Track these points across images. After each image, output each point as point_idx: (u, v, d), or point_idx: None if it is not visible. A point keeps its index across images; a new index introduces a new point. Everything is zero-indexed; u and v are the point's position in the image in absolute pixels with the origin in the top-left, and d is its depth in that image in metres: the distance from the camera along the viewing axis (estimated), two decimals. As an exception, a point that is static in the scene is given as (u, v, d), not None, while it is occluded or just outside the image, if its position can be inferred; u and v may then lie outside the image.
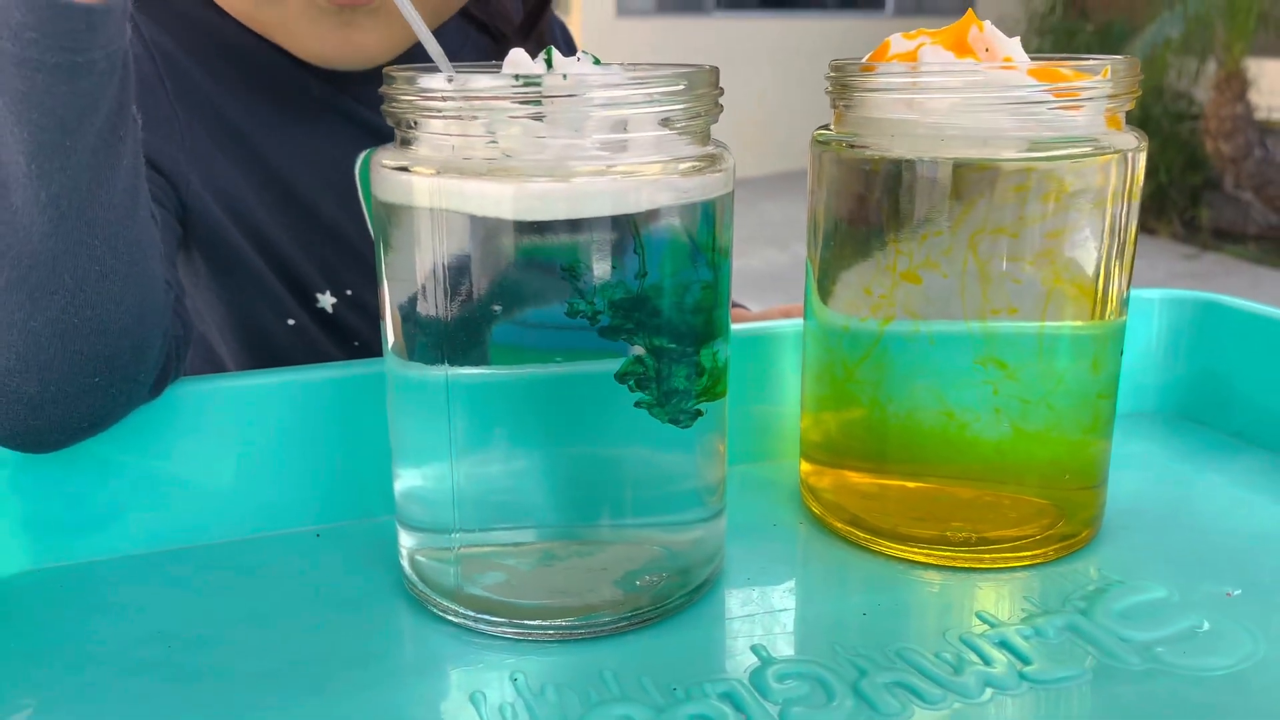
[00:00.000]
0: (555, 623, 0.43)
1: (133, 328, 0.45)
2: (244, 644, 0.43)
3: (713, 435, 0.45)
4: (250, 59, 0.67)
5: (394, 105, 0.41)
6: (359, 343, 0.71)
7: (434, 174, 0.39)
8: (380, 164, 0.41)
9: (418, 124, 0.40)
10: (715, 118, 0.42)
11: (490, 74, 0.40)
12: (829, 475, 0.53)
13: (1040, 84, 0.44)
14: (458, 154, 0.39)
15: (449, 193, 0.39)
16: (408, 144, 0.41)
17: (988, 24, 0.47)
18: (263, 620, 0.45)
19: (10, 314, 0.42)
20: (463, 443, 0.42)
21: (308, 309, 0.69)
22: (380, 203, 0.42)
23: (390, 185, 0.41)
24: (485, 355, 0.41)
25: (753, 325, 0.58)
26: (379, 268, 0.43)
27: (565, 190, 0.39)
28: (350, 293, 0.69)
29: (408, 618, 0.45)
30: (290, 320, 0.69)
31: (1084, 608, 0.45)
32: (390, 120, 0.42)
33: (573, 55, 0.43)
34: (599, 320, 0.40)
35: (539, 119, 0.39)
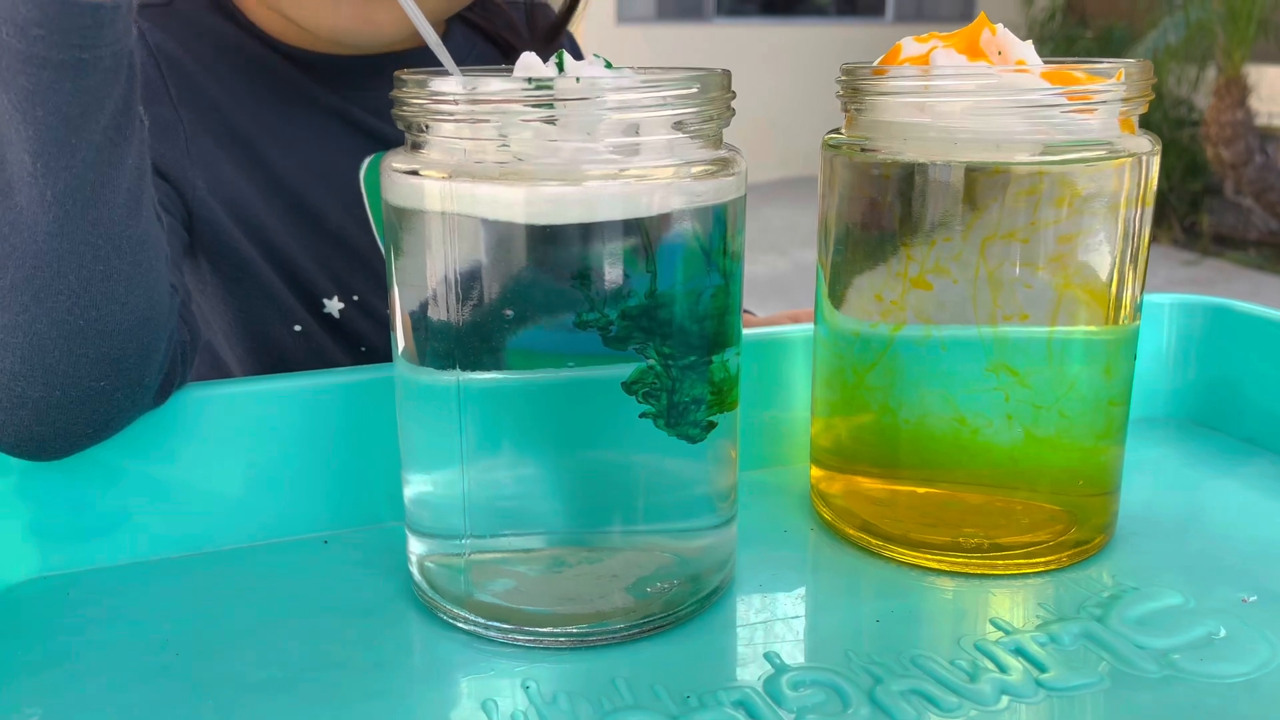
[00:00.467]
0: (566, 630, 0.42)
1: (138, 330, 0.45)
2: (252, 652, 0.43)
3: (724, 441, 0.44)
4: (255, 65, 0.67)
5: (405, 109, 0.41)
6: (366, 348, 0.70)
7: (445, 177, 0.39)
8: (391, 167, 0.41)
9: (429, 127, 0.40)
10: (727, 121, 0.42)
11: (502, 77, 0.39)
12: (840, 481, 0.52)
13: (1053, 87, 0.44)
14: (469, 157, 0.39)
15: (460, 196, 0.39)
16: (419, 148, 0.41)
17: (1000, 27, 0.47)
18: (271, 628, 0.44)
19: (15, 316, 0.42)
20: (473, 448, 0.42)
21: (315, 314, 0.69)
22: (391, 207, 0.42)
23: (401, 189, 0.40)
24: (497, 360, 0.41)
25: (763, 330, 0.58)
26: (389, 272, 0.43)
27: (577, 194, 0.38)
28: (357, 298, 0.69)
29: (417, 625, 0.45)
30: (297, 326, 0.68)
31: (1099, 614, 0.44)
32: (400, 124, 0.42)
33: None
34: (610, 330, 0.40)
35: (551, 122, 0.38)
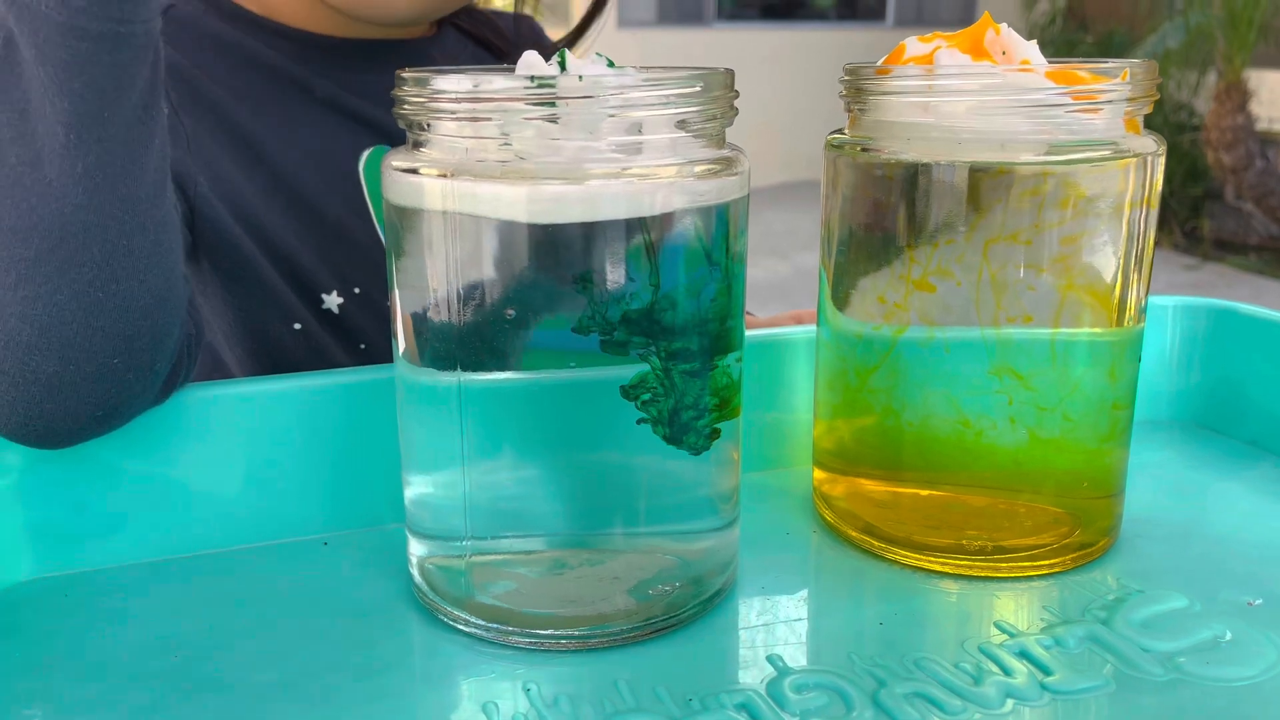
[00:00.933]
0: (568, 632, 0.42)
1: (154, 309, 0.45)
2: (252, 653, 0.42)
3: (726, 443, 0.44)
4: (253, 64, 0.68)
5: (406, 107, 0.41)
6: (365, 345, 0.71)
7: (447, 176, 0.39)
8: (392, 166, 0.41)
9: (430, 126, 0.40)
10: (730, 120, 0.42)
11: (504, 75, 0.39)
12: (842, 483, 0.52)
13: (1058, 87, 0.44)
14: (471, 156, 0.39)
15: (462, 195, 0.38)
16: (420, 146, 0.41)
17: (1004, 27, 0.47)
18: (271, 629, 0.44)
19: (37, 287, 0.42)
20: (474, 449, 0.41)
21: (314, 310, 0.69)
22: (392, 206, 0.41)
23: (402, 188, 0.40)
24: (498, 361, 0.40)
25: (765, 332, 0.58)
26: (390, 273, 0.43)
27: (580, 193, 0.38)
28: (358, 291, 0.70)
29: (418, 627, 0.44)
30: (297, 325, 0.69)
31: (1104, 617, 0.44)
32: (402, 123, 0.41)
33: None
34: (612, 334, 0.39)
35: (553, 121, 0.38)
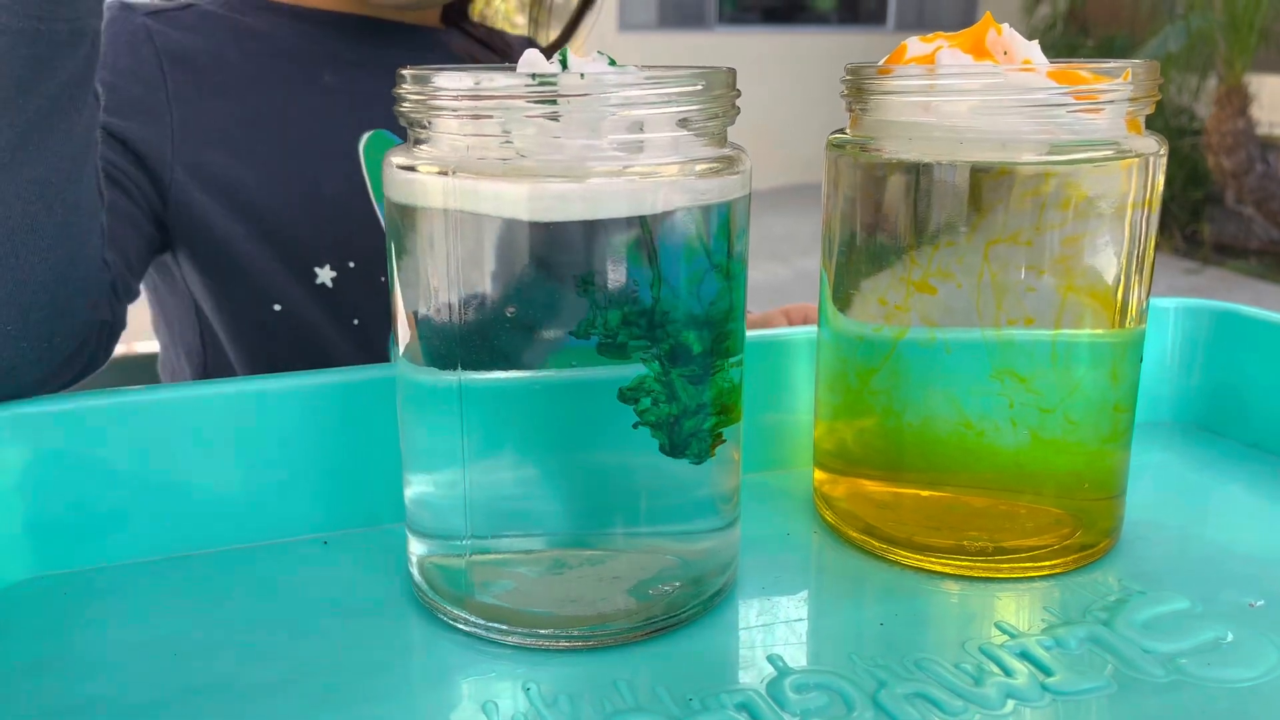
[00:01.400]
0: (568, 632, 0.42)
1: (54, 286, 0.48)
2: (250, 653, 0.42)
3: (727, 445, 0.44)
4: (266, 50, 0.72)
5: (406, 105, 0.41)
6: (358, 320, 0.71)
7: (448, 174, 0.39)
8: (393, 164, 0.41)
9: (431, 124, 0.40)
10: (732, 119, 0.42)
11: (505, 73, 0.39)
12: (843, 484, 0.52)
13: (1060, 86, 0.44)
14: (472, 154, 0.39)
15: (463, 193, 0.38)
16: (421, 144, 0.41)
17: (1006, 27, 0.47)
18: (269, 629, 0.44)
19: None
20: (475, 449, 0.41)
21: (305, 286, 0.70)
22: (393, 204, 0.41)
23: (403, 186, 0.40)
24: (499, 360, 0.40)
25: (766, 333, 0.58)
26: (390, 271, 0.42)
27: (581, 191, 0.38)
28: (353, 265, 0.71)
29: (417, 626, 0.44)
30: (276, 305, 0.70)
31: (1105, 618, 0.44)
32: (403, 120, 0.41)
33: None
34: (615, 338, 0.39)
35: (555, 119, 0.38)
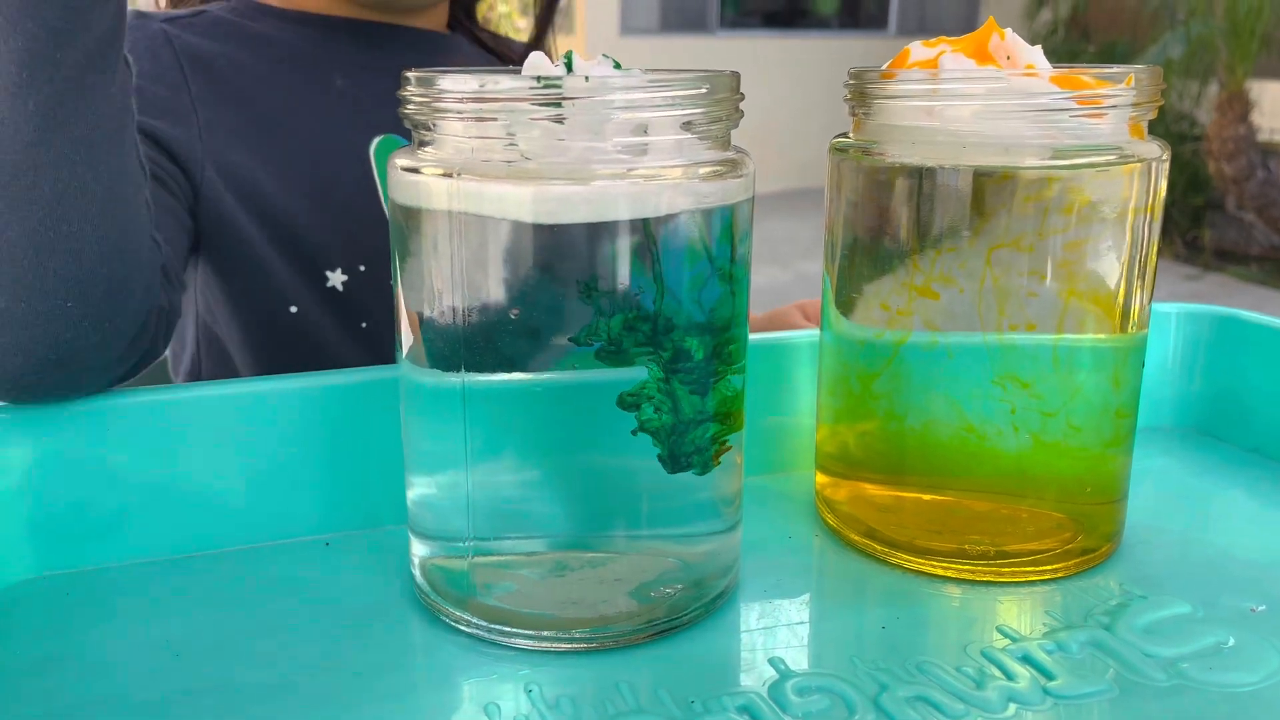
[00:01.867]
0: (570, 634, 0.42)
1: (110, 257, 0.46)
2: (253, 653, 0.42)
3: (730, 450, 0.44)
4: (279, 55, 0.73)
5: (411, 107, 0.41)
6: (367, 324, 0.72)
7: (452, 176, 0.39)
8: (397, 166, 0.41)
9: (435, 126, 0.40)
10: (736, 123, 0.42)
11: (509, 76, 0.39)
12: (845, 487, 0.52)
13: (1063, 91, 0.44)
14: (476, 156, 0.39)
15: (467, 195, 0.38)
16: (426, 146, 0.41)
17: (1009, 31, 0.47)
18: (271, 630, 0.44)
19: None
20: (478, 450, 0.41)
21: (316, 289, 0.71)
22: (397, 205, 0.41)
23: (408, 187, 0.40)
24: (502, 362, 0.40)
25: (768, 336, 0.58)
26: (394, 273, 0.43)
27: (585, 193, 0.38)
28: (363, 268, 0.72)
29: (419, 628, 0.44)
30: (293, 308, 0.71)
31: (1107, 623, 0.44)
32: (407, 123, 0.41)
33: None
34: (619, 347, 0.39)
35: (559, 121, 0.38)
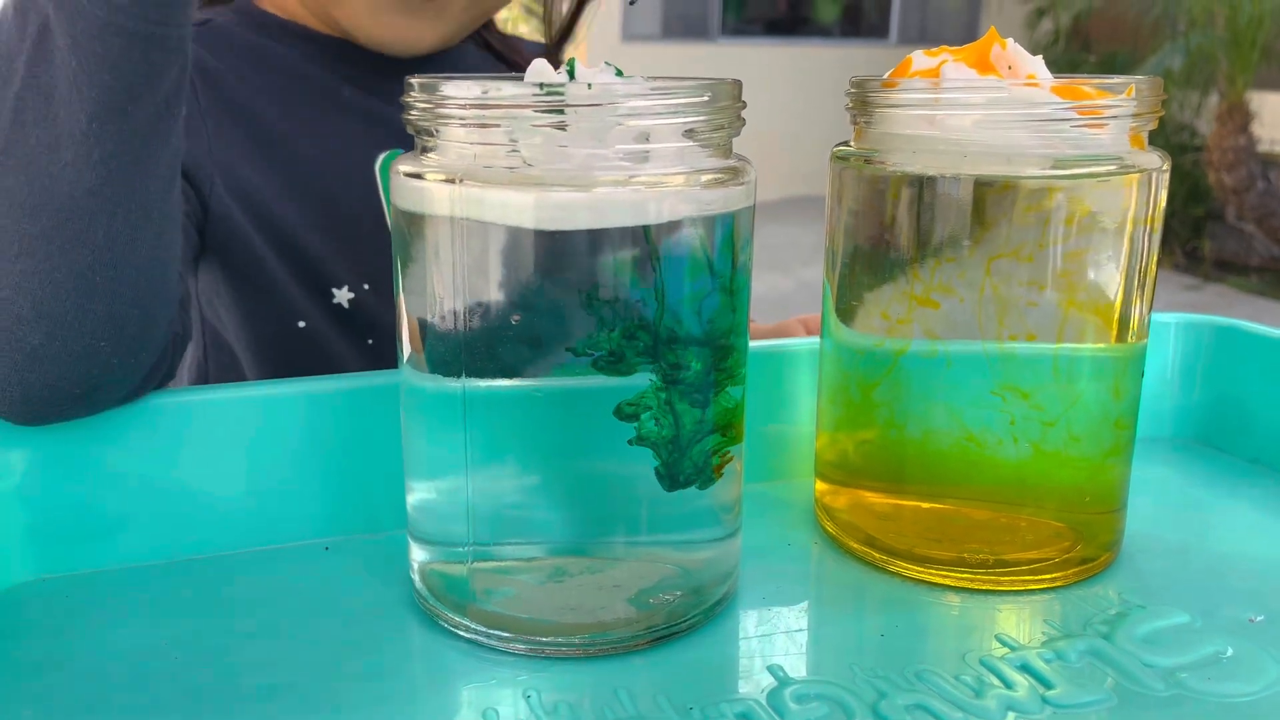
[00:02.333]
0: (569, 639, 0.42)
1: (145, 298, 0.47)
2: (252, 658, 0.42)
3: (731, 460, 0.44)
4: (286, 72, 0.73)
5: (414, 113, 0.41)
6: (373, 340, 0.72)
7: (454, 182, 0.39)
8: (400, 172, 0.41)
9: (438, 132, 0.40)
10: (738, 131, 0.42)
11: (512, 83, 0.39)
12: (844, 495, 0.52)
13: (1064, 101, 0.44)
14: (479, 163, 0.39)
15: (469, 201, 0.39)
16: (428, 152, 0.41)
17: (1010, 41, 0.47)
18: (271, 634, 0.44)
19: (37, 262, 0.43)
20: (478, 456, 0.41)
21: (323, 306, 0.71)
22: (399, 211, 0.41)
23: (410, 193, 0.40)
24: (502, 368, 0.40)
25: (768, 344, 0.58)
26: (396, 278, 0.43)
27: (587, 200, 0.38)
28: (368, 286, 0.72)
29: (418, 633, 0.44)
30: (301, 323, 0.70)
31: (1105, 632, 0.44)
32: (410, 129, 0.42)
33: None
34: (622, 357, 0.39)
35: (562, 128, 0.38)
